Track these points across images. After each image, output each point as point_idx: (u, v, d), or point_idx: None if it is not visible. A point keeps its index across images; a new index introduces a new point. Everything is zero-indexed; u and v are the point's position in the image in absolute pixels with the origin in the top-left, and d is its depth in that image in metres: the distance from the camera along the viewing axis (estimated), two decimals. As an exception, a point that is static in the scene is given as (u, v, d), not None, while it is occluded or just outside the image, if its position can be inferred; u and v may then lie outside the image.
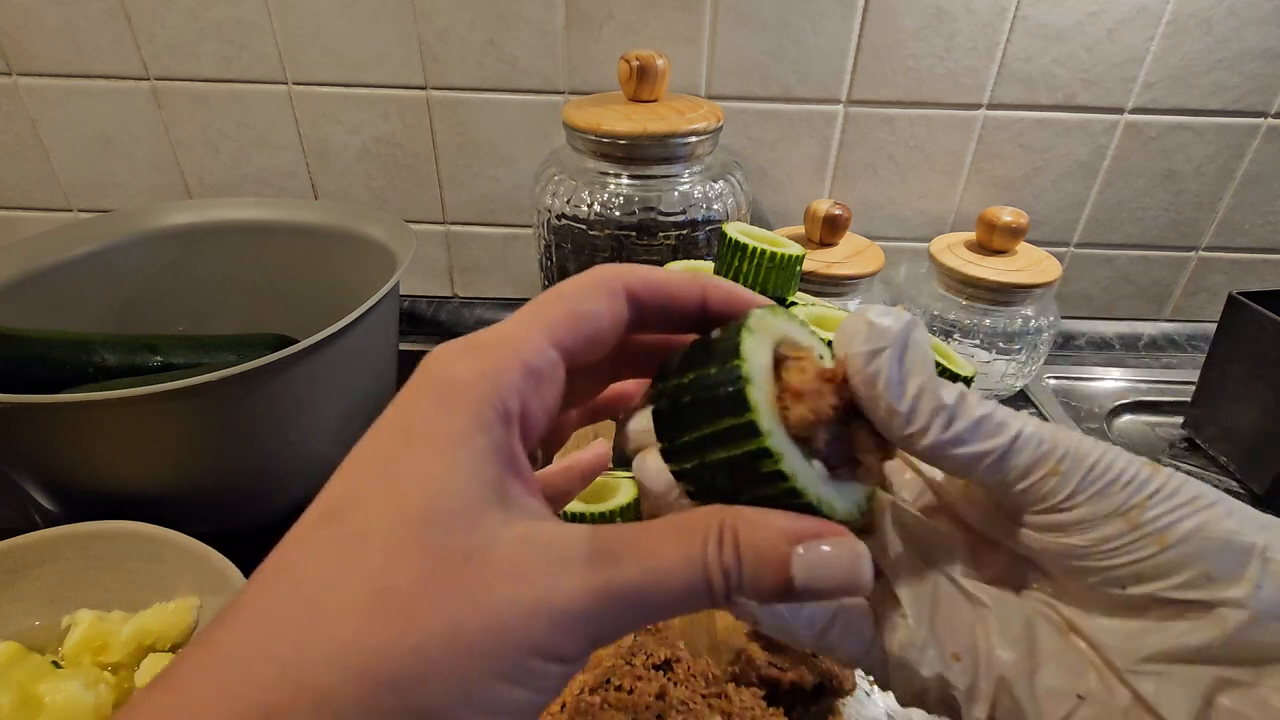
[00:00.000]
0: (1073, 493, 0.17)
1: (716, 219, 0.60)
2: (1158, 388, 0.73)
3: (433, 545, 0.14)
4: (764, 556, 0.16)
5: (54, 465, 0.45)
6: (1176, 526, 0.17)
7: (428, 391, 0.17)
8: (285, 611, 0.14)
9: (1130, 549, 0.17)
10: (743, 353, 0.17)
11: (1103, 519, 0.17)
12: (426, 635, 0.14)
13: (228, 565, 0.41)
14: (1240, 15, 0.64)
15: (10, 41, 0.68)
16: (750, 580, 0.16)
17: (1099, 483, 0.17)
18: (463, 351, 0.17)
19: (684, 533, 0.16)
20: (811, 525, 0.16)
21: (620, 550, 0.16)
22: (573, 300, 0.18)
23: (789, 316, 0.20)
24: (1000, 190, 0.74)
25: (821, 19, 0.66)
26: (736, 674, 0.40)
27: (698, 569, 0.16)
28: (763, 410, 0.17)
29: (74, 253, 0.58)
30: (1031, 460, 0.18)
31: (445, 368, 0.17)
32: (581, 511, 0.43)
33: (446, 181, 0.75)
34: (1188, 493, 0.17)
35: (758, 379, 0.17)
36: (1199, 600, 0.17)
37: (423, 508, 0.15)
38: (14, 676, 0.37)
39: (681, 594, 0.16)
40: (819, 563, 0.16)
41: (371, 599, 0.14)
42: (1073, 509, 0.17)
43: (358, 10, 0.66)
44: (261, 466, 0.49)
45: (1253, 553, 0.17)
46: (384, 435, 0.17)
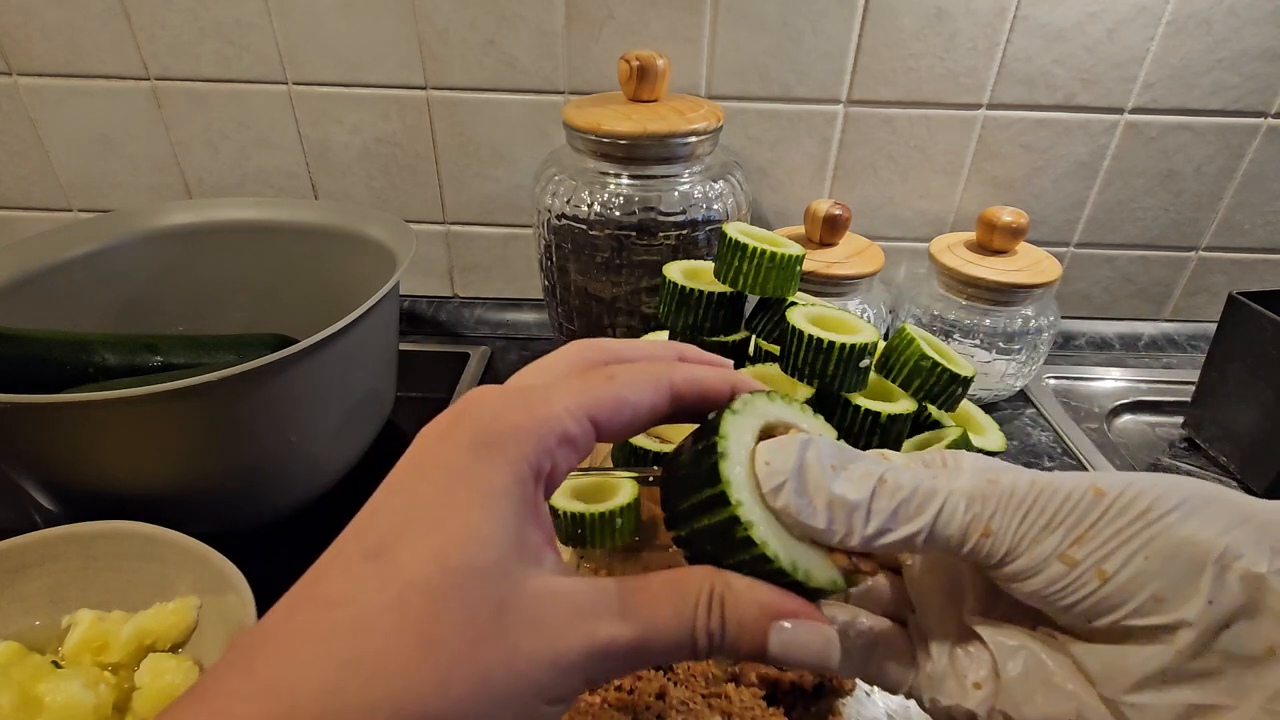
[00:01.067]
0: (1008, 550, 0.18)
1: (716, 219, 0.61)
2: (1158, 388, 0.73)
3: (470, 597, 0.16)
4: (745, 626, 0.18)
5: (54, 465, 0.45)
6: (1112, 557, 0.17)
7: (472, 437, 0.18)
8: (325, 638, 0.15)
9: (1074, 589, 0.17)
10: (721, 430, 0.19)
11: (1042, 563, 0.17)
12: (462, 684, 0.15)
13: (228, 565, 0.41)
14: (1240, 15, 0.64)
15: (10, 41, 0.68)
16: (730, 644, 0.18)
17: (1033, 531, 0.18)
18: (511, 404, 0.19)
19: (678, 595, 0.18)
20: (791, 605, 0.18)
21: (622, 608, 0.17)
22: (623, 387, 0.20)
23: (786, 401, 0.22)
24: (1000, 190, 0.74)
25: (821, 19, 0.66)
26: (736, 674, 0.40)
27: (687, 629, 0.17)
28: (734, 483, 0.19)
29: (74, 253, 0.58)
30: (961, 529, 0.18)
31: (493, 417, 0.18)
32: (581, 512, 0.43)
33: (446, 181, 0.75)
34: (1137, 508, 0.17)
35: (733, 453, 0.19)
36: (1157, 625, 0.17)
37: (464, 559, 0.16)
38: (14, 676, 0.37)
39: (670, 649, 0.17)
40: (793, 641, 0.18)
41: (416, 645, 0.15)
42: (1012, 562, 0.18)
43: (358, 10, 0.66)
44: (261, 466, 0.49)
45: (1206, 564, 0.16)
46: (427, 476, 0.18)
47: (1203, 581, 0.16)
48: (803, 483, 0.18)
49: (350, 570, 0.16)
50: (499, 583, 0.16)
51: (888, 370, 0.45)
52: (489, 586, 0.16)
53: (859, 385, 0.42)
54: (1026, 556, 0.18)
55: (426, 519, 0.16)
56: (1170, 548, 0.17)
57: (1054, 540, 0.17)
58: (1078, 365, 0.76)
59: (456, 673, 0.15)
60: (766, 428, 0.21)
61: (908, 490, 0.18)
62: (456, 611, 0.15)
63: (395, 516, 0.17)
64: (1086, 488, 0.18)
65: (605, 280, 0.62)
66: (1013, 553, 0.18)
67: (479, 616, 0.15)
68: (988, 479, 0.18)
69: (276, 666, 0.15)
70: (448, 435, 0.18)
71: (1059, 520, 0.17)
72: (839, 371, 0.40)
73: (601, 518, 0.43)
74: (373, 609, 0.15)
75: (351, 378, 0.51)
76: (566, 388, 0.19)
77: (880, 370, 0.45)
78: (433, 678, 0.15)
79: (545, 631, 0.16)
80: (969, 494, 0.18)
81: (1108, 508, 0.17)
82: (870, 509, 0.18)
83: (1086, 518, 0.17)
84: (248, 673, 0.15)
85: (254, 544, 0.45)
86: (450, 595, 0.15)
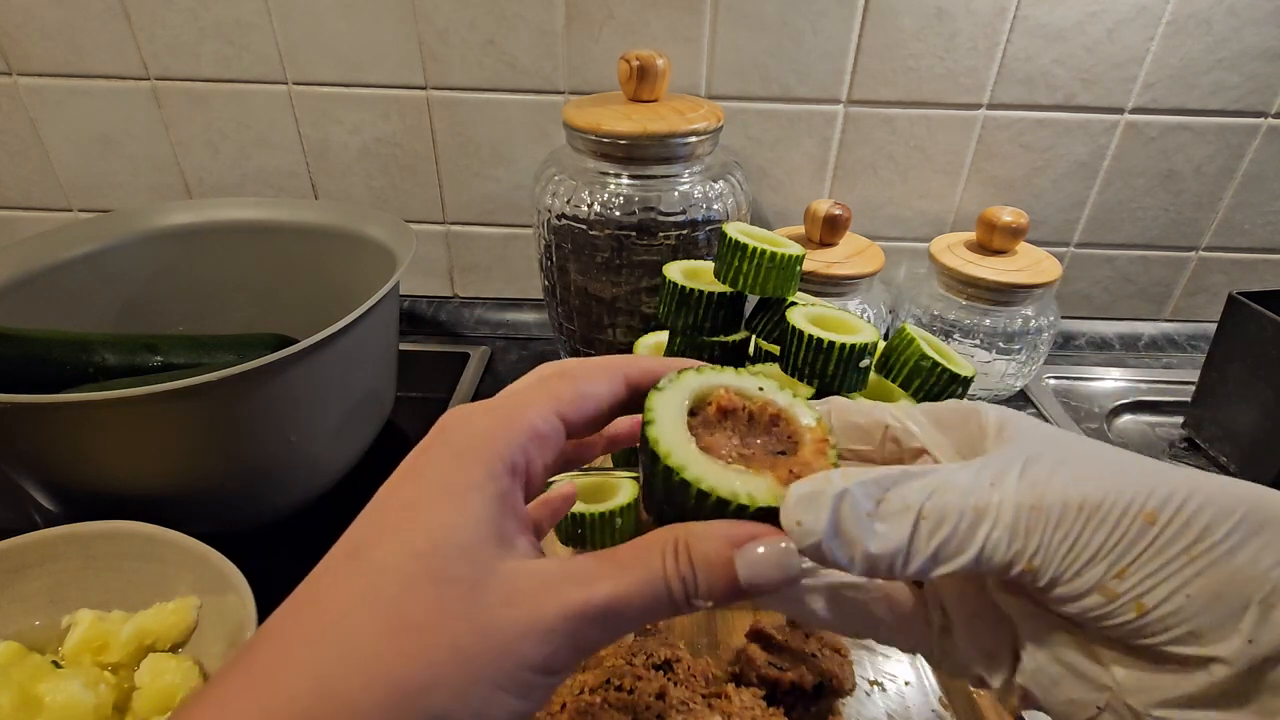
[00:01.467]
0: (1050, 581, 0.18)
1: (716, 219, 0.60)
2: (1158, 388, 0.73)
3: (441, 576, 0.17)
4: (712, 562, 0.18)
5: (54, 465, 0.45)
6: (1152, 593, 0.17)
7: (444, 445, 0.19)
8: (315, 635, 0.16)
9: (1111, 617, 0.17)
10: (647, 404, 0.21)
11: (1083, 594, 0.18)
12: (436, 652, 0.16)
13: (228, 565, 0.41)
14: (1240, 15, 0.64)
15: (10, 41, 0.68)
16: (704, 585, 0.18)
17: (1077, 564, 0.17)
18: (480, 413, 0.20)
19: (644, 552, 0.19)
20: (747, 529, 0.19)
21: (593, 574, 0.18)
22: (580, 382, 0.22)
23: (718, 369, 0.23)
24: (1000, 190, 0.74)
25: (821, 19, 0.66)
26: (736, 674, 0.40)
27: (659, 581, 0.18)
28: (661, 440, 0.20)
29: (74, 253, 0.58)
30: (1004, 563, 0.18)
31: (464, 425, 0.20)
32: (582, 512, 0.43)
33: (446, 181, 0.75)
34: (1188, 536, 0.17)
35: (659, 419, 0.21)
36: (1192, 656, 0.17)
37: (433, 544, 0.17)
38: (14, 676, 0.37)
39: (648, 604, 0.18)
40: (755, 560, 0.18)
41: (390, 623, 0.16)
42: (1052, 590, 0.18)
43: (358, 10, 0.66)
44: (261, 466, 0.49)
45: (1250, 603, 0.16)
46: (403, 484, 0.19)
47: (1245, 621, 0.16)
48: (838, 539, 0.18)
49: (332, 570, 0.18)
50: (469, 564, 0.17)
51: (888, 370, 0.45)
52: (459, 567, 0.17)
53: (859, 385, 0.42)
54: (1069, 586, 0.18)
55: (401, 518, 0.18)
56: (1216, 584, 0.17)
57: (1097, 572, 0.17)
58: (1078, 365, 0.76)
59: (433, 648, 0.16)
60: (698, 396, 0.22)
61: (950, 525, 0.18)
62: (425, 591, 0.16)
63: (374, 520, 0.18)
64: (1138, 512, 0.17)
65: (605, 280, 0.62)
66: (1056, 582, 0.18)
67: (449, 594, 0.17)
68: (1032, 503, 0.18)
69: (274, 665, 0.16)
70: (426, 449, 0.20)
71: (1105, 551, 0.17)
72: (839, 371, 0.40)
73: (601, 517, 0.43)
74: (351, 600, 0.16)
75: (351, 378, 0.51)
76: (530, 390, 0.21)
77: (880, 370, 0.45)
78: (411, 654, 0.16)
79: (520, 601, 0.17)
80: (1012, 526, 0.18)
81: (1156, 536, 0.17)
82: (910, 552, 0.18)
83: (1133, 549, 0.17)
84: (248, 673, 0.16)
85: (254, 544, 0.45)
86: (419, 577, 0.17)
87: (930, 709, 0.41)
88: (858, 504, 0.18)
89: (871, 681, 0.42)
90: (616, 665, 0.37)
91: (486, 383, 0.72)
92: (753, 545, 0.18)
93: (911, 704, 0.41)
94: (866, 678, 0.42)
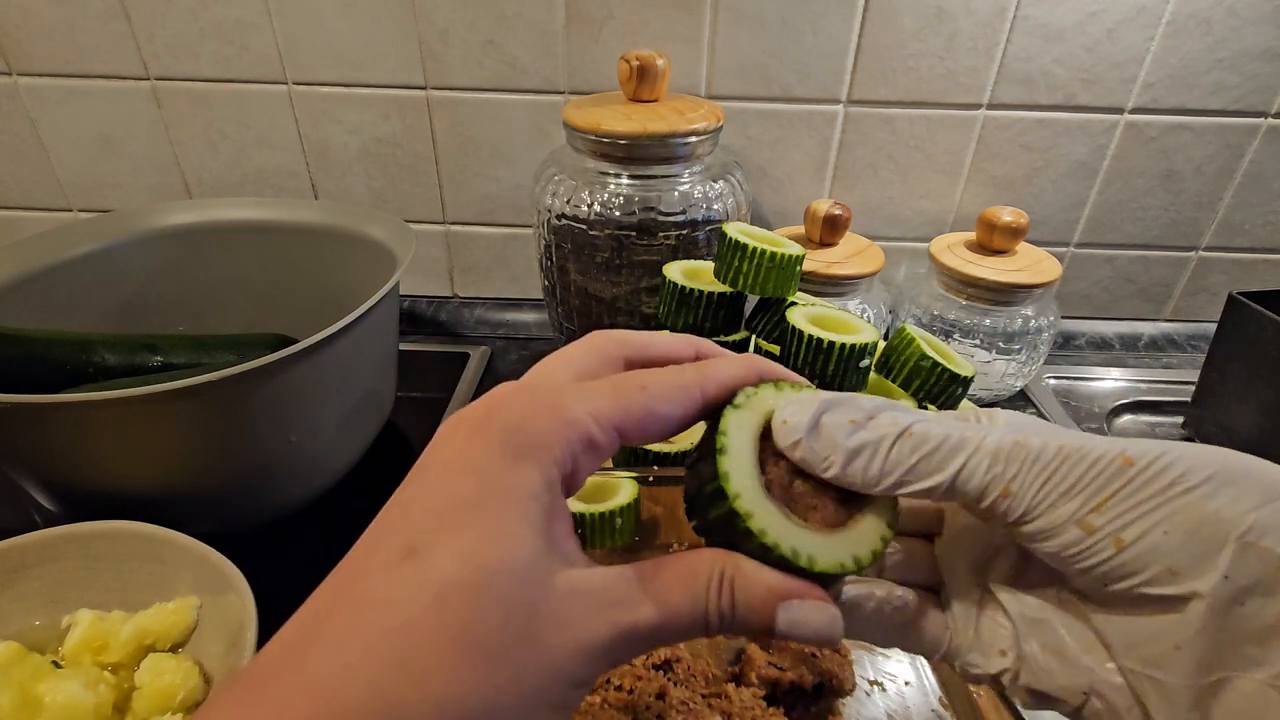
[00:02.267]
0: (1026, 510, 0.18)
1: (716, 219, 0.60)
2: (1158, 388, 0.73)
3: (505, 599, 0.16)
4: (753, 608, 0.19)
5: (54, 465, 0.45)
6: (1130, 528, 0.17)
7: (503, 438, 0.18)
8: (373, 642, 0.15)
9: (1090, 554, 0.18)
10: (721, 426, 0.20)
11: (1061, 526, 0.18)
12: (501, 681, 0.16)
13: (228, 565, 0.41)
14: (1240, 15, 0.64)
15: (10, 41, 0.68)
16: (740, 623, 0.19)
17: (1052, 495, 0.18)
18: (540, 408, 0.19)
19: (691, 579, 0.19)
20: (796, 587, 0.19)
21: (641, 595, 0.18)
22: (655, 400, 0.20)
23: (796, 389, 0.22)
24: (1000, 190, 0.74)
25: (821, 19, 0.66)
26: (736, 674, 0.40)
27: (700, 611, 0.18)
28: (733, 476, 0.19)
29: (74, 253, 0.58)
30: (980, 486, 0.19)
31: (522, 420, 0.19)
32: (582, 512, 0.43)
33: (446, 181, 0.75)
34: (1166, 478, 0.17)
35: (732, 448, 0.20)
36: (1170, 595, 0.17)
37: (498, 560, 0.17)
38: (14, 676, 0.37)
39: (685, 629, 0.18)
40: (799, 619, 0.19)
41: (457, 646, 0.16)
42: (1029, 522, 0.18)
43: (358, 10, 0.66)
44: (262, 466, 0.49)
45: (1228, 539, 0.17)
46: (457, 477, 0.18)
47: (1221, 557, 0.17)
48: (817, 438, 0.19)
49: (389, 569, 0.16)
50: (530, 582, 0.17)
51: (888, 370, 0.45)
52: (522, 586, 0.17)
53: (859, 385, 0.42)
54: (1044, 519, 0.18)
55: (463, 520, 0.17)
56: (1192, 522, 0.17)
57: (1073, 505, 0.18)
58: (1078, 365, 0.76)
59: (495, 671, 0.16)
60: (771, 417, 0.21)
61: (933, 443, 0.19)
62: (493, 612, 0.16)
63: (431, 516, 0.17)
64: (1116, 454, 0.18)
65: (605, 280, 0.62)
66: (1030, 513, 0.18)
67: (513, 618, 0.16)
68: (1016, 439, 0.18)
69: (327, 665, 0.15)
70: (478, 434, 0.18)
71: (1081, 486, 0.18)
72: (839, 371, 0.41)
73: (601, 518, 0.43)
74: (414, 610, 0.16)
75: (351, 378, 0.51)
76: (597, 394, 0.20)
77: (880, 370, 0.45)
78: (473, 677, 0.15)
79: (573, 626, 0.17)
80: (994, 452, 0.18)
81: (1133, 477, 0.17)
82: (887, 461, 0.19)
83: (1110, 485, 0.18)
84: (299, 670, 0.15)
85: (254, 544, 0.45)
86: (487, 596, 0.16)
87: (930, 709, 0.41)
88: (843, 412, 0.19)
89: (871, 681, 0.42)
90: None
91: (486, 383, 0.72)
92: (799, 604, 0.19)
93: (911, 704, 0.41)
94: (866, 678, 0.42)
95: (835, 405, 0.20)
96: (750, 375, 0.22)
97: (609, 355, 0.22)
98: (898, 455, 0.19)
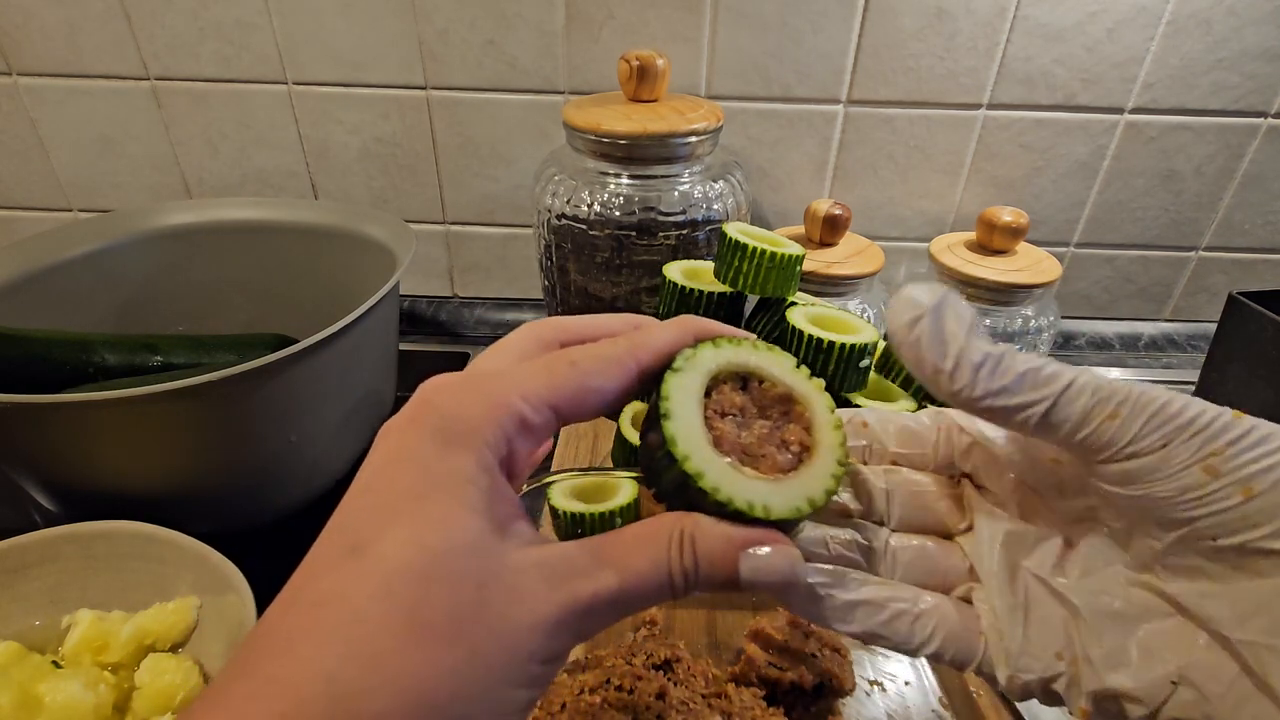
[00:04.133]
0: (1135, 436, 0.17)
1: (716, 219, 0.60)
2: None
3: (452, 577, 0.16)
4: (715, 560, 0.18)
5: (54, 465, 0.45)
6: (1264, 475, 0.16)
7: (435, 429, 0.18)
8: (324, 635, 0.15)
9: (1212, 499, 0.17)
10: (663, 391, 0.20)
11: (1179, 468, 0.17)
12: (456, 660, 0.16)
13: (228, 565, 0.41)
14: (1240, 15, 0.64)
15: (10, 41, 0.68)
16: (705, 579, 0.19)
17: (1167, 427, 0.17)
18: (469, 394, 0.19)
19: (650, 542, 0.19)
20: (755, 535, 0.19)
21: (599, 563, 0.18)
22: (587, 375, 0.20)
23: (734, 343, 0.22)
24: (1000, 190, 0.74)
25: (821, 19, 0.66)
26: (736, 674, 0.40)
27: (663, 572, 0.18)
28: (679, 439, 0.19)
29: (74, 253, 0.58)
30: (1086, 407, 0.18)
31: (454, 408, 0.18)
32: (581, 512, 0.43)
33: (446, 181, 0.75)
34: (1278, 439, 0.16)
35: (676, 412, 0.20)
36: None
37: (442, 542, 0.17)
38: (14, 676, 0.37)
39: (650, 593, 0.18)
40: (761, 565, 0.18)
41: (407, 629, 0.16)
42: (1142, 455, 0.17)
43: (358, 10, 0.66)
44: (261, 466, 0.49)
45: None
46: (393, 470, 0.18)
47: None
48: (938, 322, 0.18)
49: (335, 567, 0.17)
50: (477, 560, 0.17)
51: (888, 370, 0.45)
52: (468, 564, 0.17)
53: (859, 385, 0.42)
54: (1160, 454, 0.17)
55: (402, 510, 0.17)
56: None
57: (1191, 447, 0.17)
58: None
59: (448, 650, 0.16)
60: (716, 375, 0.21)
61: (1040, 363, 0.18)
62: (441, 593, 0.16)
63: (372, 512, 0.17)
64: (1224, 409, 0.17)
65: (605, 280, 0.62)
66: (1139, 442, 0.17)
67: (462, 595, 0.16)
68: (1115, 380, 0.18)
69: (278, 664, 0.15)
70: (410, 428, 0.19)
71: (1197, 429, 0.17)
72: (839, 371, 0.41)
73: (601, 518, 0.43)
74: (361, 600, 0.16)
75: (351, 378, 0.51)
76: (527, 375, 0.19)
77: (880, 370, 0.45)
78: (428, 658, 0.15)
79: (526, 599, 0.17)
80: (1100, 381, 0.18)
81: (1251, 429, 0.17)
82: (998, 366, 0.18)
83: (1227, 433, 0.17)
84: (252, 673, 0.15)
85: (254, 544, 0.45)
86: (432, 578, 0.16)
87: (930, 709, 0.41)
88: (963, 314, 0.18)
89: (871, 681, 0.42)
90: (616, 665, 0.37)
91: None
92: (759, 549, 0.18)
93: (911, 704, 0.41)
94: (866, 678, 0.42)
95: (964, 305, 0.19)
96: (685, 337, 0.21)
97: (545, 340, 0.22)
98: (1010, 363, 0.18)
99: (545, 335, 0.22)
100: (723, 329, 0.22)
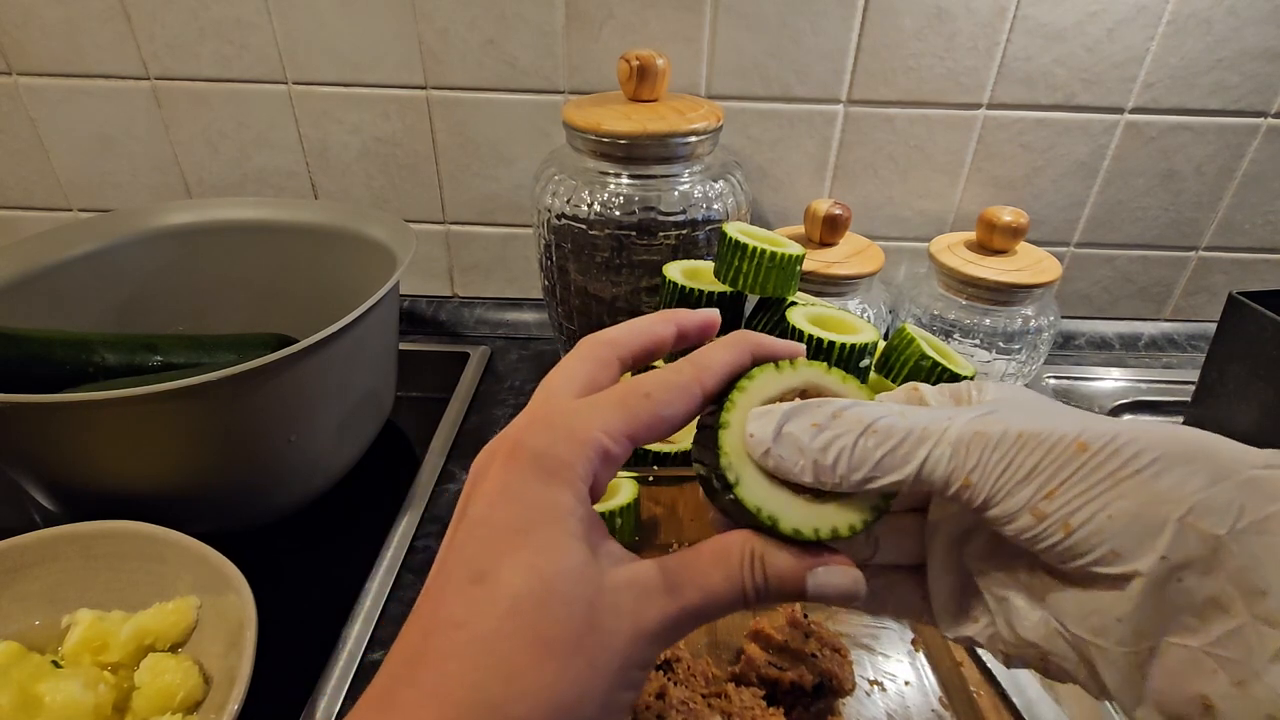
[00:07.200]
0: (986, 498, 0.20)
1: (716, 219, 0.60)
2: (1158, 388, 0.73)
3: (567, 598, 0.19)
4: (784, 578, 0.21)
5: (54, 465, 0.45)
6: (1078, 513, 0.19)
7: (530, 466, 0.21)
8: (467, 654, 0.18)
9: (1042, 538, 0.19)
10: (722, 420, 0.22)
11: (1016, 514, 0.19)
12: (579, 670, 0.18)
13: (228, 565, 0.41)
14: (1240, 15, 0.64)
15: (10, 41, 0.68)
16: (774, 594, 0.21)
17: (1009, 484, 0.19)
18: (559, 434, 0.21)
19: (724, 562, 0.21)
20: (819, 558, 0.21)
21: (682, 581, 0.21)
22: (660, 405, 0.22)
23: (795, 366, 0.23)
24: (1000, 190, 0.74)
25: (821, 19, 0.66)
26: (736, 674, 0.40)
27: (737, 589, 0.21)
28: (734, 466, 0.21)
29: (74, 253, 0.58)
30: (944, 477, 0.20)
31: (548, 447, 0.21)
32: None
33: (446, 181, 0.75)
34: (1116, 462, 0.18)
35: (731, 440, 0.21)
36: (1114, 574, 0.19)
37: (555, 568, 0.19)
38: (14, 676, 0.37)
39: (726, 606, 0.21)
40: (826, 583, 0.21)
41: (534, 644, 0.18)
42: (991, 508, 0.20)
43: (358, 10, 0.66)
44: (261, 466, 0.49)
45: (1168, 521, 0.18)
46: (504, 505, 0.20)
47: (1160, 539, 0.18)
48: (783, 446, 0.21)
49: (462, 593, 0.19)
50: (584, 582, 0.19)
51: (888, 370, 0.45)
52: (577, 586, 0.19)
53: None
54: (1001, 506, 0.20)
55: (515, 542, 0.19)
56: (1137, 504, 0.18)
57: (1028, 492, 0.19)
58: (1078, 365, 0.76)
59: (570, 662, 0.18)
60: (781, 395, 0.23)
61: (896, 438, 0.20)
62: (558, 612, 0.18)
63: (487, 544, 0.20)
64: (1072, 440, 0.19)
65: (605, 280, 0.62)
66: (990, 501, 0.20)
67: (576, 613, 0.19)
68: (976, 429, 0.20)
69: (435, 678, 0.18)
70: (510, 465, 0.21)
71: (1036, 473, 0.19)
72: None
73: (602, 517, 0.43)
74: (492, 622, 0.18)
75: (351, 378, 0.51)
76: (606, 410, 0.21)
77: (880, 370, 0.45)
78: (555, 670, 0.18)
79: (626, 614, 0.20)
80: (955, 442, 0.20)
81: (1085, 461, 0.19)
82: (853, 459, 0.20)
83: (1062, 472, 0.19)
84: (415, 685, 0.18)
85: (254, 544, 0.45)
86: (550, 600, 0.19)
87: (930, 709, 0.41)
88: (805, 418, 0.21)
89: (871, 681, 0.42)
90: (616, 665, 0.37)
91: (486, 382, 0.72)
92: (824, 569, 0.21)
93: (911, 704, 0.41)
94: (866, 678, 0.42)
95: (798, 413, 0.21)
96: (743, 357, 0.23)
97: (604, 359, 0.24)
98: (862, 453, 0.20)
99: (603, 355, 0.24)
100: (776, 345, 0.24)
